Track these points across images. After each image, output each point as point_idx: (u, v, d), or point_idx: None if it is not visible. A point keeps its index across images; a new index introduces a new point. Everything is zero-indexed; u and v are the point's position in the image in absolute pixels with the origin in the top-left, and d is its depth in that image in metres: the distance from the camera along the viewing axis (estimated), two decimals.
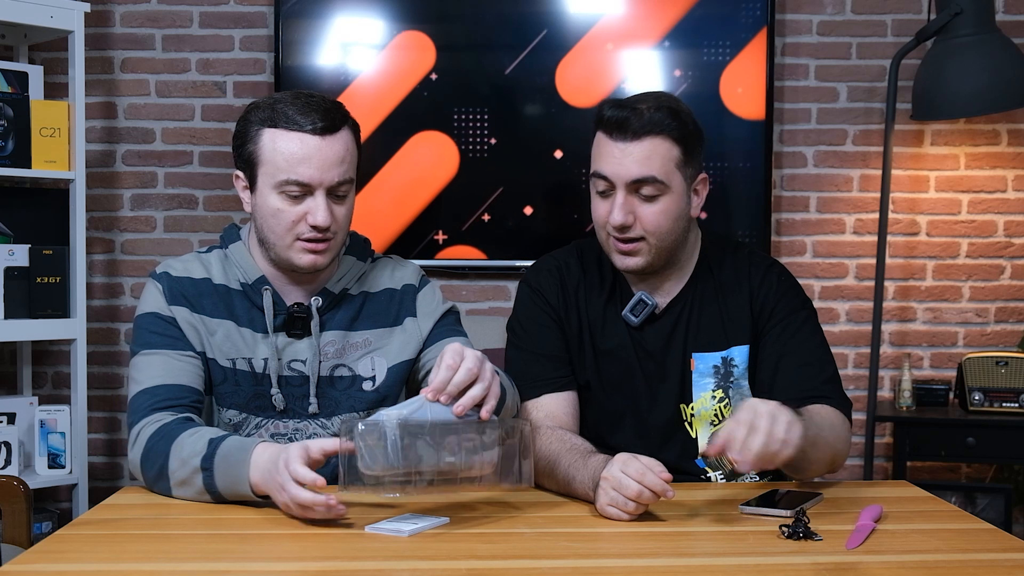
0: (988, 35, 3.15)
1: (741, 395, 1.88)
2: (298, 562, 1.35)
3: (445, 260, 3.44)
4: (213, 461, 1.56)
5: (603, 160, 1.81)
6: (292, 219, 1.70)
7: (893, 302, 3.54)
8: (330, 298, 1.80)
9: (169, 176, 3.54)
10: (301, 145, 1.68)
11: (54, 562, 1.34)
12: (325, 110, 1.71)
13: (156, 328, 1.75)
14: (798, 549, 1.40)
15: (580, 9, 3.42)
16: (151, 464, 1.63)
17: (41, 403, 3.20)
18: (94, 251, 3.51)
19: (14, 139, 3.00)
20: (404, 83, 3.43)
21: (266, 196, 1.72)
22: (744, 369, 1.89)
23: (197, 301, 1.76)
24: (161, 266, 1.81)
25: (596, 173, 1.83)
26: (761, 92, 3.40)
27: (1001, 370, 3.21)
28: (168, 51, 3.52)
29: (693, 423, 1.88)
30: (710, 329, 1.90)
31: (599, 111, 1.84)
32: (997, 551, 1.41)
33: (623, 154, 1.79)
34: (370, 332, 1.81)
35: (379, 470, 1.42)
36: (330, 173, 1.69)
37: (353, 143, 1.75)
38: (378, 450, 1.42)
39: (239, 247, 1.81)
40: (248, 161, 1.73)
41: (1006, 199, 3.52)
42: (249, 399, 1.76)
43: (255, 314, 1.77)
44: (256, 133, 1.71)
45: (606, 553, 1.38)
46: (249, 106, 1.77)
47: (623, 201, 1.80)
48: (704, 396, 1.88)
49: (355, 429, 1.43)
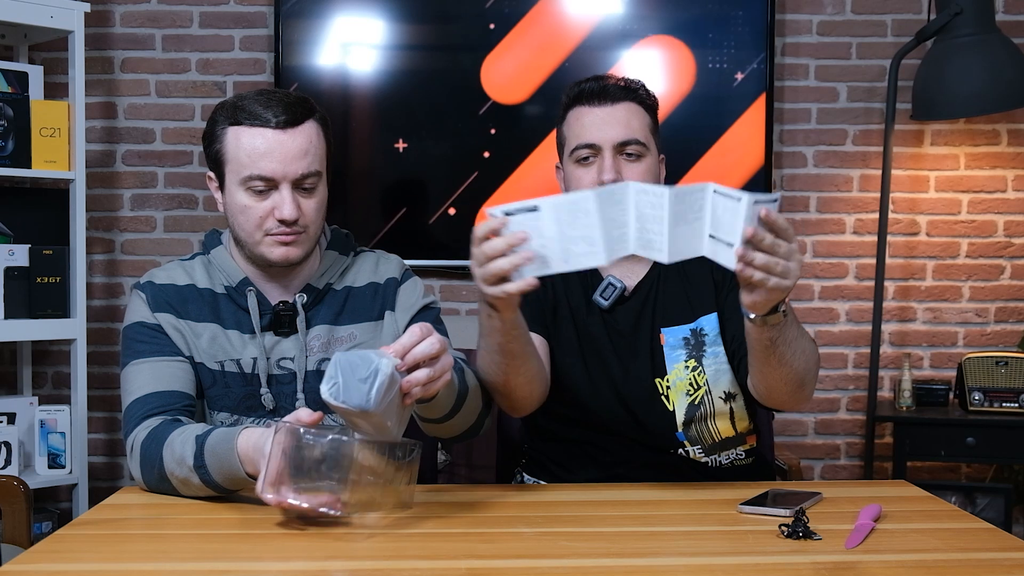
0: (988, 35, 3.15)
1: (716, 361, 1.90)
2: (298, 562, 1.34)
3: (445, 260, 3.44)
4: (204, 459, 1.56)
5: (586, 129, 1.87)
6: (260, 215, 1.71)
7: (893, 302, 3.54)
8: (314, 294, 1.80)
9: (169, 176, 3.55)
10: (263, 140, 1.69)
11: (54, 562, 1.34)
12: (288, 104, 1.71)
13: (142, 337, 1.76)
14: (798, 549, 1.40)
15: (580, 10, 3.43)
16: (149, 469, 1.64)
17: (41, 403, 3.21)
18: (94, 251, 3.51)
19: (14, 139, 3.01)
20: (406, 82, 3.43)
21: (234, 193, 1.72)
22: (716, 336, 1.91)
23: (182, 307, 1.77)
24: (144, 276, 1.82)
25: (580, 144, 1.87)
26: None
27: (1001, 370, 3.21)
28: (168, 51, 3.52)
29: (669, 395, 1.90)
30: (676, 304, 1.93)
31: (569, 91, 1.92)
32: (997, 551, 1.41)
33: (608, 117, 1.87)
34: (355, 327, 1.82)
35: (351, 408, 1.40)
36: (293, 166, 1.69)
37: (319, 136, 1.74)
38: (360, 386, 1.39)
39: (221, 251, 1.82)
40: (216, 160, 1.74)
41: (1006, 199, 3.53)
42: (240, 400, 1.76)
43: (241, 316, 1.78)
44: (221, 132, 1.72)
45: (606, 553, 1.38)
46: (216, 106, 1.77)
47: (612, 162, 1.86)
48: (677, 367, 1.90)
49: (336, 359, 1.41)
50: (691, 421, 1.89)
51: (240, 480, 1.55)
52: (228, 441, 1.55)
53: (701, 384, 1.89)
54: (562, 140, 1.94)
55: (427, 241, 3.46)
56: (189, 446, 1.58)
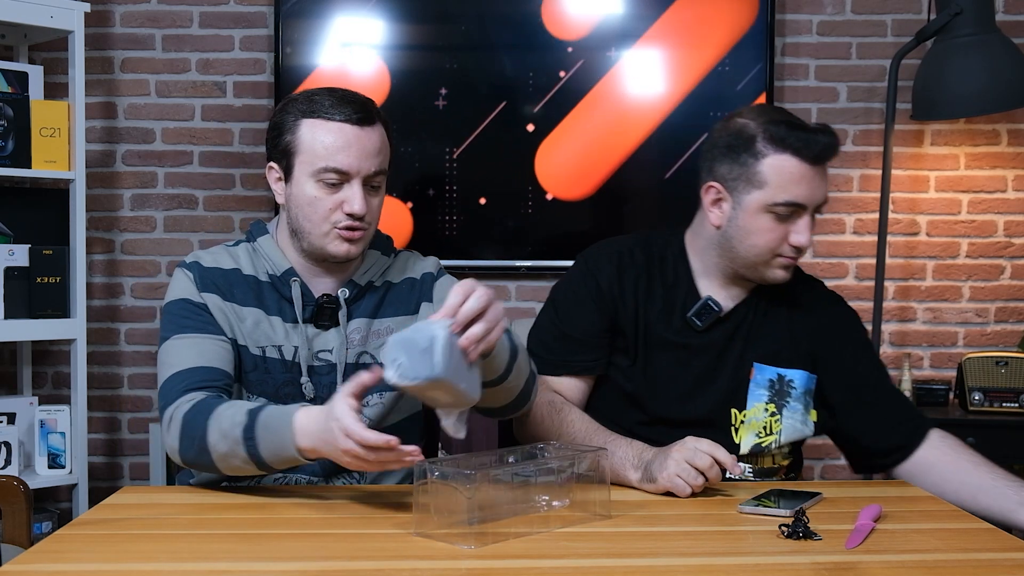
0: (988, 35, 3.15)
1: (794, 415, 1.90)
2: (298, 562, 1.34)
3: (444, 261, 3.43)
4: (255, 431, 1.57)
5: (797, 186, 1.79)
6: (329, 207, 1.74)
7: (893, 302, 3.54)
8: (356, 289, 1.83)
9: (169, 176, 3.54)
10: (340, 134, 1.72)
11: (54, 562, 1.33)
12: (361, 103, 1.76)
13: (187, 313, 1.77)
14: (798, 549, 1.40)
15: (580, 10, 3.43)
16: (189, 441, 1.63)
17: (41, 403, 3.21)
18: (94, 251, 3.51)
19: (14, 139, 3.01)
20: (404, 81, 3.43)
21: (303, 185, 1.75)
22: (801, 394, 1.91)
23: (228, 289, 1.79)
24: (191, 256, 1.84)
25: (789, 202, 1.79)
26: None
27: (1001, 370, 3.21)
28: (168, 51, 3.52)
29: (740, 429, 1.89)
30: (770, 343, 1.91)
31: (775, 130, 1.81)
32: (997, 551, 1.41)
33: (817, 179, 1.81)
34: (392, 320, 1.84)
35: (421, 381, 1.39)
36: (367, 162, 1.73)
37: (386, 138, 1.79)
38: (423, 357, 1.38)
39: (267, 240, 1.84)
40: (285, 151, 1.76)
41: (1006, 199, 3.52)
42: (279, 387, 1.78)
43: (284, 305, 1.80)
44: (294, 124, 1.75)
45: (606, 553, 1.38)
46: (285, 100, 1.81)
47: (811, 224, 1.83)
48: (758, 406, 1.89)
49: (392, 341, 1.41)
50: (748, 455, 1.90)
51: (287, 457, 1.57)
52: (285, 416, 1.56)
53: (774, 432, 1.90)
54: (751, 176, 1.81)
55: (432, 241, 3.46)
56: (240, 417, 1.58)
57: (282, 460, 1.58)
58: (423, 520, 1.44)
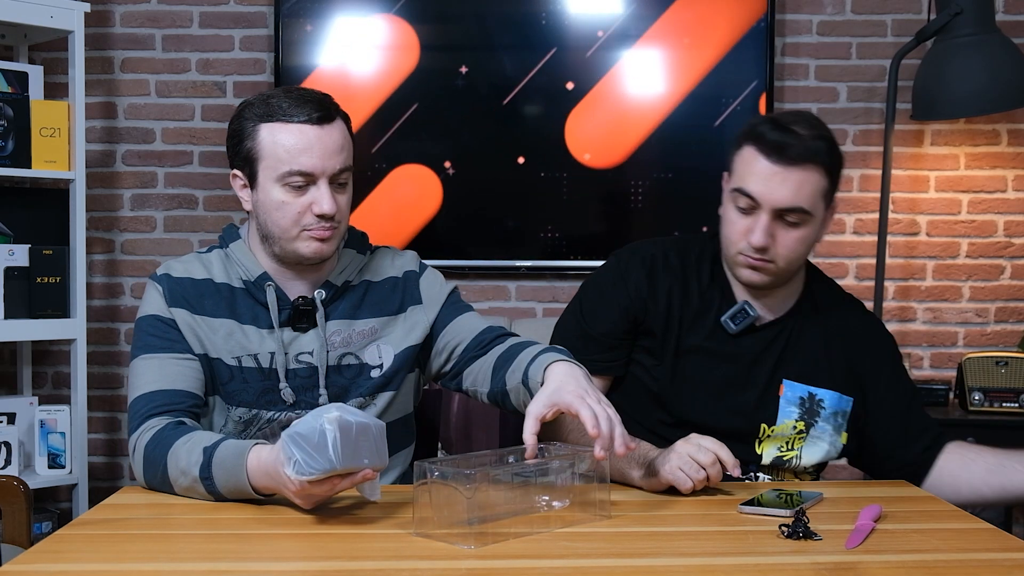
0: (988, 35, 3.15)
1: (821, 436, 1.89)
2: (298, 562, 1.34)
3: (445, 260, 3.44)
4: (211, 470, 1.57)
5: (754, 179, 1.77)
6: (297, 210, 1.72)
7: (893, 302, 3.54)
8: (333, 290, 1.81)
9: (169, 176, 3.55)
10: (301, 135, 1.70)
11: (54, 562, 1.33)
12: (319, 101, 1.73)
13: (155, 331, 1.75)
14: (798, 549, 1.40)
15: (582, 9, 3.43)
16: (152, 473, 1.64)
17: (41, 403, 3.21)
18: (94, 251, 3.51)
19: (14, 139, 3.01)
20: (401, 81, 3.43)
21: (269, 190, 1.73)
22: (831, 414, 1.90)
23: (198, 302, 1.77)
24: (161, 267, 1.82)
25: (741, 190, 1.78)
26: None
27: (1001, 370, 3.21)
28: (168, 51, 3.52)
29: (764, 442, 1.88)
30: (805, 360, 1.90)
31: (755, 127, 1.81)
32: (997, 551, 1.41)
33: (778, 179, 1.76)
34: (375, 320, 1.83)
35: (319, 475, 1.42)
36: (331, 161, 1.71)
37: (347, 133, 1.77)
38: (318, 452, 1.41)
39: (240, 245, 1.82)
40: (247, 158, 1.74)
41: (1006, 199, 3.53)
42: (258, 395, 1.77)
43: (259, 311, 1.78)
44: (253, 129, 1.72)
45: (606, 553, 1.38)
46: (241, 105, 1.77)
47: (767, 225, 1.78)
48: (787, 423, 1.88)
49: (284, 439, 1.43)
50: (769, 467, 1.89)
51: (247, 494, 1.56)
52: (238, 457, 1.55)
53: (796, 448, 1.89)
54: (729, 168, 1.84)
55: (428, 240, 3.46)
56: (196, 456, 1.58)
57: (243, 495, 1.58)
58: (423, 520, 1.44)
